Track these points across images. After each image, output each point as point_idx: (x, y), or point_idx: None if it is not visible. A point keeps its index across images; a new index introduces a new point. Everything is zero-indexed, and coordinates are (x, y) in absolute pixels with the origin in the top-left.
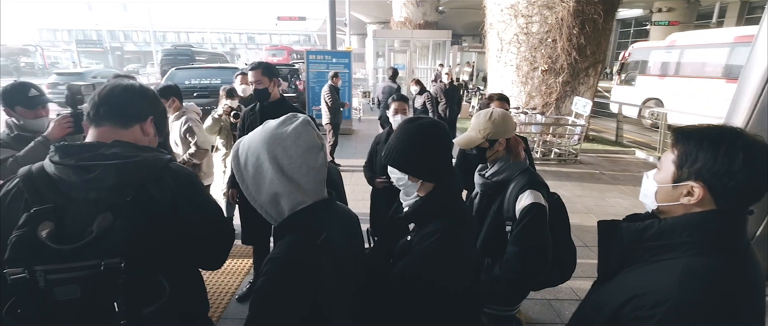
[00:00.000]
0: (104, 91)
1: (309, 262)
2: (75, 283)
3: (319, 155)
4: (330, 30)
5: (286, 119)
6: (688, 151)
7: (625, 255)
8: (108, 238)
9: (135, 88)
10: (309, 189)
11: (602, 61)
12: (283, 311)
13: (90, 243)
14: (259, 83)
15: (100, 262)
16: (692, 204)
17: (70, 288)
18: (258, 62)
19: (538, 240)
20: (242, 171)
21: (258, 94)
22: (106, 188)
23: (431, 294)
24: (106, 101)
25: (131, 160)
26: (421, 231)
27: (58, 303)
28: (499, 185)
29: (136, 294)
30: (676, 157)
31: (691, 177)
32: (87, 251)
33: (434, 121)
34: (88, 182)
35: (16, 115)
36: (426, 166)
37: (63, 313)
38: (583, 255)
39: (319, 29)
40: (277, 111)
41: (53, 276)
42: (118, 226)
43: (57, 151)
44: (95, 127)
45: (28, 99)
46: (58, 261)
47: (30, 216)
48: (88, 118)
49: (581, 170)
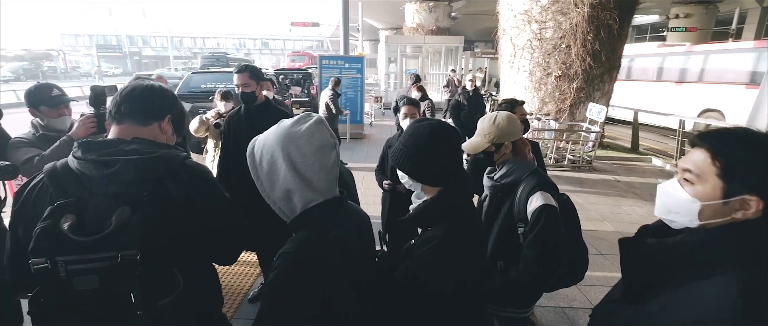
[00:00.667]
0: (126, 90)
1: (319, 258)
2: (94, 274)
3: (331, 154)
4: (343, 36)
5: (301, 118)
6: (736, 161)
7: (653, 274)
8: (125, 231)
9: (154, 88)
10: (321, 187)
11: (617, 67)
12: (294, 304)
13: (108, 235)
14: (246, 86)
15: (117, 254)
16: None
17: (89, 279)
18: (244, 65)
19: (554, 241)
20: (257, 168)
21: (244, 97)
22: (124, 182)
23: (430, 297)
24: (127, 100)
25: (149, 156)
26: (424, 234)
27: (77, 292)
28: (508, 187)
29: (152, 285)
30: (720, 170)
31: (744, 190)
32: (106, 243)
33: (442, 123)
34: (108, 176)
35: (41, 115)
36: (431, 169)
37: (82, 303)
38: (597, 263)
39: (331, 35)
40: (263, 114)
41: (73, 266)
42: (136, 220)
43: (80, 147)
44: (117, 125)
45: (51, 98)
46: (78, 252)
47: (53, 209)
48: (110, 117)
49: (596, 177)
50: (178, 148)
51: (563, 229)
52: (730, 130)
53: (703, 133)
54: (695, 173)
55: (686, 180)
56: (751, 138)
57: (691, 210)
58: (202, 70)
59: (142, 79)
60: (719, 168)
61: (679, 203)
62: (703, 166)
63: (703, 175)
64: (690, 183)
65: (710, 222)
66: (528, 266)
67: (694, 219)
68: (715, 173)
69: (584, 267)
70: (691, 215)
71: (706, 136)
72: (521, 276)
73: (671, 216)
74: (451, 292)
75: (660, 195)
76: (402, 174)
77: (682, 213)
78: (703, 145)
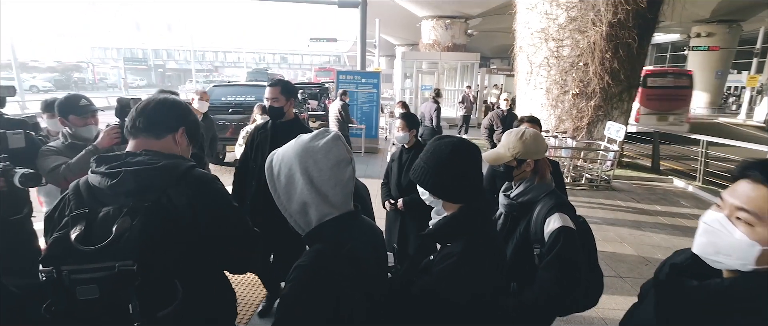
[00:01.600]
0: (140, 105)
1: (334, 270)
2: (93, 283)
3: (347, 169)
4: (360, 51)
5: (318, 134)
6: None
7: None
8: (125, 241)
9: (167, 101)
10: (336, 202)
11: (636, 86)
12: (309, 316)
13: (108, 245)
14: (276, 100)
15: (114, 264)
16: None
17: (89, 288)
18: (277, 79)
19: (573, 264)
20: (275, 182)
21: (273, 111)
22: (126, 193)
23: (446, 314)
24: (141, 115)
25: (150, 166)
26: (442, 250)
27: (80, 302)
28: (525, 206)
29: (151, 296)
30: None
31: None
32: (105, 253)
33: (463, 141)
34: (112, 187)
35: (70, 124)
36: (452, 186)
37: (86, 312)
38: (615, 286)
39: (349, 50)
40: (289, 130)
41: (76, 275)
42: (135, 230)
43: (95, 161)
44: (132, 139)
45: (80, 108)
46: (82, 261)
47: (67, 220)
48: (127, 131)
49: (614, 197)
50: (184, 158)
51: (582, 252)
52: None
53: (760, 164)
54: (753, 213)
55: (739, 218)
56: None
57: (749, 255)
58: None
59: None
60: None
61: (732, 245)
62: (765, 206)
63: (765, 216)
64: (746, 224)
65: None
66: (544, 288)
67: (750, 263)
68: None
69: (599, 291)
70: (747, 259)
71: (760, 168)
72: (536, 299)
73: (719, 257)
74: (469, 309)
75: (706, 234)
76: (422, 190)
77: (735, 255)
78: (764, 181)
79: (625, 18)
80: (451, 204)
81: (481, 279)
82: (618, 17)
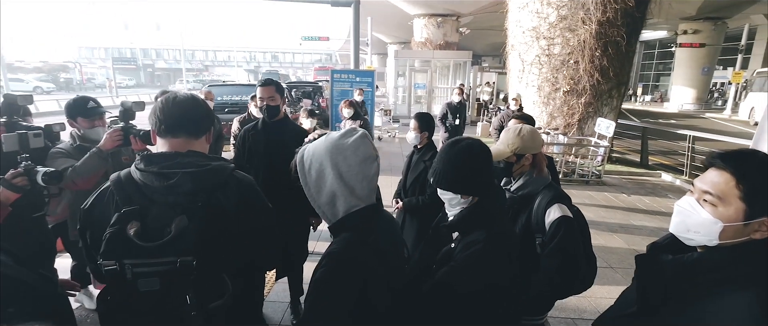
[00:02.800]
0: (173, 102)
1: (361, 258)
2: (155, 276)
3: (373, 165)
4: (353, 50)
5: (347, 132)
6: (759, 186)
7: (670, 289)
8: (183, 238)
9: (200, 102)
10: (362, 195)
11: (626, 83)
12: (338, 298)
13: (168, 241)
14: (272, 100)
15: (176, 259)
16: (760, 237)
17: (151, 281)
18: (269, 79)
19: (573, 251)
20: (306, 175)
21: (271, 110)
22: (182, 193)
23: (472, 299)
24: (181, 113)
25: (204, 169)
26: (465, 239)
27: (140, 293)
28: (524, 199)
29: (204, 289)
30: (743, 194)
31: (765, 213)
32: (166, 249)
33: (473, 141)
34: (169, 188)
35: (78, 126)
36: (469, 183)
37: (144, 303)
38: (607, 276)
39: (340, 49)
40: (281, 129)
41: (139, 269)
42: (192, 228)
43: (142, 160)
44: (172, 137)
45: (87, 110)
46: (142, 256)
47: (120, 216)
48: (161, 127)
49: (605, 191)
50: (226, 160)
51: (580, 239)
52: (748, 153)
53: (724, 154)
54: (716, 195)
55: (706, 200)
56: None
57: (712, 231)
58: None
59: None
60: (743, 192)
61: (699, 223)
62: (726, 189)
63: (726, 198)
64: (711, 205)
65: (728, 242)
66: (548, 274)
67: (714, 238)
68: (738, 196)
69: (593, 275)
70: (712, 235)
71: (725, 157)
72: (541, 285)
73: (689, 234)
74: (495, 296)
75: (678, 214)
76: (442, 191)
77: (702, 232)
78: (726, 168)
79: (613, 16)
80: (469, 198)
81: (505, 263)
82: (607, 15)
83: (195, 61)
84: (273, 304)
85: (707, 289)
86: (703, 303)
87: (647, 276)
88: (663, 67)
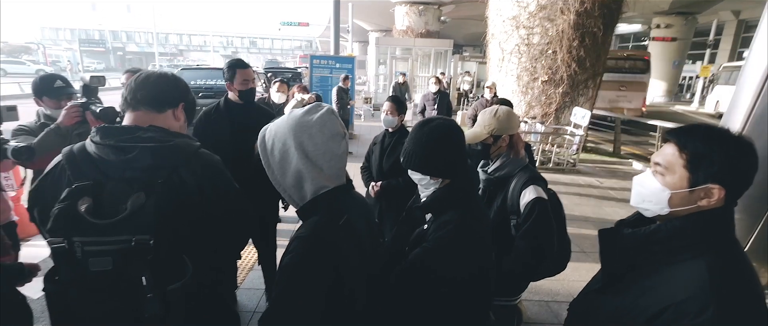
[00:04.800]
0: (141, 77)
1: (332, 240)
2: (108, 256)
3: (341, 143)
4: (333, 36)
5: (312, 108)
6: (701, 153)
7: (630, 261)
8: (140, 216)
9: (168, 76)
10: (331, 175)
11: (601, 74)
12: (309, 285)
13: (123, 219)
14: (252, 82)
15: (131, 237)
16: (706, 205)
17: (103, 260)
18: (245, 62)
19: (546, 232)
20: (269, 156)
21: (249, 93)
22: (140, 169)
23: (445, 281)
24: (143, 87)
25: (165, 144)
26: (437, 220)
27: (92, 273)
28: (501, 181)
29: (162, 270)
30: (686, 162)
31: (708, 180)
32: (120, 226)
33: (445, 121)
34: (126, 162)
35: (44, 105)
36: (440, 164)
37: (96, 284)
38: (580, 261)
39: (321, 35)
40: (244, 111)
41: (89, 247)
42: (150, 205)
43: (98, 132)
44: (132, 111)
45: (53, 89)
46: (94, 234)
47: (71, 191)
48: (126, 103)
49: (579, 179)
50: (192, 137)
51: (553, 222)
52: (695, 126)
53: (673, 129)
54: (664, 165)
55: (656, 171)
56: (713, 133)
57: (662, 199)
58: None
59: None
60: (686, 160)
61: (651, 192)
62: (672, 159)
63: (672, 167)
64: (661, 175)
65: (679, 210)
66: (521, 256)
67: (665, 206)
68: (682, 165)
69: (567, 257)
70: (662, 203)
71: (674, 131)
72: (516, 266)
73: (645, 204)
74: (469, 276)
75: (635, 186)
76: (413, 172)
77: (654, 201)
78: (672, 139)
79: (591, 7)
80: (441, 179)
81: (477, 243)
82: (585, 6)
83: (169, 45)
84: (248, 292)
85: (664, 258)
86: (660, 272)
87: (608, 248)
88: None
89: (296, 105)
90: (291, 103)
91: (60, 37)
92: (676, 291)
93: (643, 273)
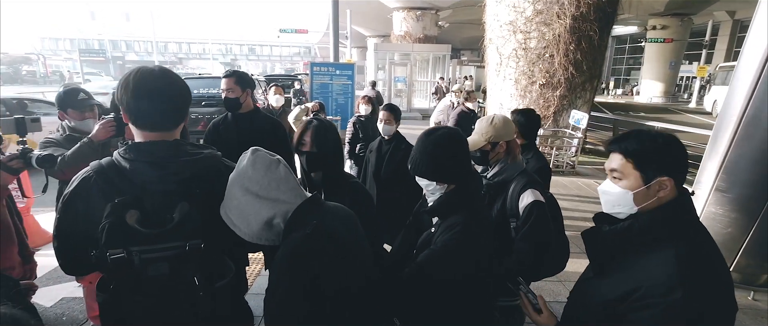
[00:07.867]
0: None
1: (306, 250)
2: (164, 261)
3: (279, 168)
4: (332, 43)
5: (239, 160)
6: (642, 155)
7: (611, 253)
8: (188, 223)
9: (185, 88)
10: (288, 198)
11: (598, 76)
12: (289, 299)
13: (174, 227)
14: (231, 91)
15: (185, 243)
16: (664, 196)
17: (160, 266)
18: (232, 70)
19: (545, 234)
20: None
21: (228, 102)
22: (178, 181)
23: (451, 282)
24: (163, 103)
25: (197, 157)
26: (444, 223)
27: (149, 278)
28: (500, 185)
29: (210, 270)
30: (634, 165)
31: (657, 174)
32: (172, 234)
33: (449, 130)
34: (163, 176)
35: (68, 117)
36: (446, 170)
37: (152, 287)
38: (580, 262)
39: (319, 41)
40: (250, 122)
41: (147, 255)
42: (194, 213)
43: (130, 150)
44: (149, 131)
45: (78, 102)
46: (148, 243)
47: (115, 206)
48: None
49: (578, 181)
50: (212, 147)
51: (551, 224)
52: (630, 133)
53: (612, 140)
54: (619, 171)
55: (615, 178)
56: (644, 135)
57: (627, 200)
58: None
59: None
60: (633, 163)
61: (617, 196)
62: (622, 165)
63: (625, 172)
64: (619, 180)
65: (644, 206)
66: (521, 257)
67: (632, 206)
68: (632, 167)
69: (566, 258)
70: (629, 204)
71: (614, 141)
72: (514, 267)
73: (616, 209)
74: (474, 277)
75: (602, 195)
76: (420, 179)
77: (622, 204)
78: (615, 149)
79: (587, 11)
80: (447, 185)
81: (483, 244)
82: (581, 10)
83: (168, 53)
84: (256, 297)
85: (640, 248)
86: (638, 260)
87: (592, 245)
88: (633, 61)
89: (299, 113)
90: (294, 112)
91: (60, 47)
92: (648, 274)
93: (623, 262)
